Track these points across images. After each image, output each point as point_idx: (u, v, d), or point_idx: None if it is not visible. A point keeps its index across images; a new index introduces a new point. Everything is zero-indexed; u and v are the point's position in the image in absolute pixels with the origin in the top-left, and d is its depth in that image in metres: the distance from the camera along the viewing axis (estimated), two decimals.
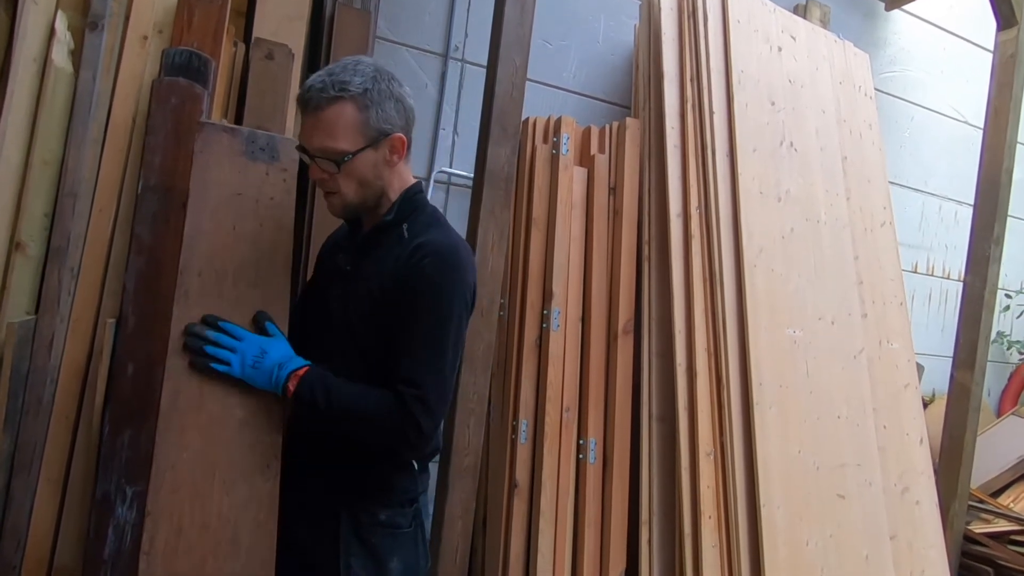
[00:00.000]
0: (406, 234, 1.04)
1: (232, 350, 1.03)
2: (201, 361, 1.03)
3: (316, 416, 1.01)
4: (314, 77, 0.99)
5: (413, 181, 1.10)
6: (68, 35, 1.27)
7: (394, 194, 1.07)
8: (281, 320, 1.10)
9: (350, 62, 1.00)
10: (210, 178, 1.13)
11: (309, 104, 0.98)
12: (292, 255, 1.17)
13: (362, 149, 0.99)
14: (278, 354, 1.03)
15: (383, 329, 1.01)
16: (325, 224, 1.45)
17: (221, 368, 1.02)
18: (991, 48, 2.59)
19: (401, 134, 1.02)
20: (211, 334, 1.03)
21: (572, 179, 1.89)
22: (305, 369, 1.01)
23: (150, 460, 1.04)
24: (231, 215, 1.12)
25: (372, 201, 1.06)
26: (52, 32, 1.24)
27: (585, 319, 1.87)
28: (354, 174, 1.01)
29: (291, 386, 1.00)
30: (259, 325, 1.07)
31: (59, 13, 1.25)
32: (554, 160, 1.89)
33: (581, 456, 1.81)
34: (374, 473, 1.06)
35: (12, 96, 1.21)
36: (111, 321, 1.17)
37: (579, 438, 1.82)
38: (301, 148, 1.03)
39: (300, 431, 1.11)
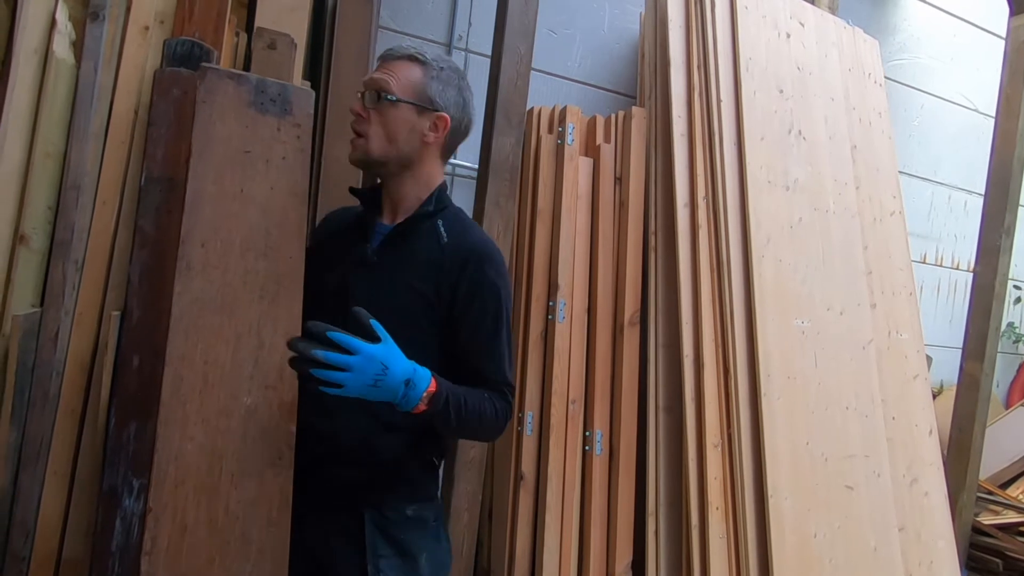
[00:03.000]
0: (443, 232, 1.03)
1: (347, 368, 0.84)
2: (312, 387, 0.85)
3: (437, 425, 0.96)
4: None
5: (442, 178, 1.10)
6: (69, 26, 1.26)
7: (424, 182, 1.06)
8: (295, 296, 1.02)
9: (439, 53, 1.08)
10: (214, 133, 1.00)
11: (389, 54, 1.04)
12: (306, 222, 1.08)
13: (408, 102, 1.01)
14: (400, 368, 0.88)
15: (433, 325, 1.01)
16: (332, 189, 1.39)
17: (334, 391, 0.85)
18: (1003, 35, 2.54)
19: (448, 118, 1.04)
20: (321, 354, 0.83)
21: (577, 169, 1.87)
22: (435, 386, 0.92)
23: None
24: (238, 176, 1.01)
25: (393, 164, 1.03)
26: (53, 23, 1.23)
27: (591, 311, 1.86)
28: (388, 122, 1.01)
29: (423, 406, 0.90)
30: (362, 323, 0.87)
31: (60, 4, 1.24)
32: (559, 150, 1.87)
33: (587, 448, 1.81)
34: (399, 471, 1.02)
35: (14, 89, 1.21)
36: (116, 314, 1.17)
37: (585, 430, 1.82)
38: (360, 94, 1.04)
39: (313, 426, 1.04)
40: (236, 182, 1.02)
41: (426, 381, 0.91)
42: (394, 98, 1.00)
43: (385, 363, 0.87)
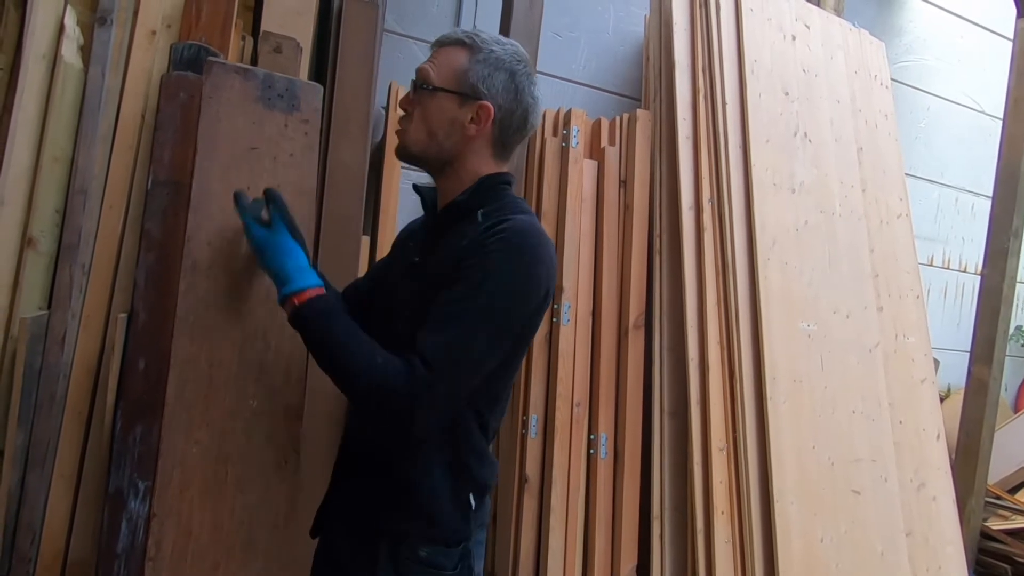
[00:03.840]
0: (480, 219, 0.90)
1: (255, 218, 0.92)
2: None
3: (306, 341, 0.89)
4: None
5: (499, 171, 0.96)
6: (77, 30, 1.27)
7: (468, 176, 0.94)
8: None
9: (489, 33, 0.96)
10: (220, 130, 0.98)
11: (440, 40, 0.95)
12: (314, 221, 1.03)
13: (446, 91, 0.90)
14: (296, 253, 0.90)
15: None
16: (338, 193, 1.35)
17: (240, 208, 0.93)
18: (1011, 36, 2.53)
19: (492, 107, 0.91)
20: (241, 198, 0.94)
21: (582, 172, 1.87)
22: (314, 294, 0.87)
23: None
24: (244, 174, 0.98)
25: (433, 161, 0.94)
26: (61, 28, 1.24)
27: (596, 313, 1.86)
28: (426, 114, 0.92)
29: (296, 300, 0.87)
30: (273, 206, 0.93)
31: (68, 8, 1.25)
32: (564, 153, 1.87)
33: (592, 451, 1.80)
34: (422, 495, 0.91)
35: (22, 93, 1.22)
36: (122, 316, 1.17)
37: (590, 433, 1.81)
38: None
39: (352, 437, 0.99)
40: (243, 179, 0.99)
41: (311, 280, 0.88)
42: (430, 87, 0.91)
43: (290, 238, 0.91)
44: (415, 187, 1.04)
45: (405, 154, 0.96)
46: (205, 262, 0.96)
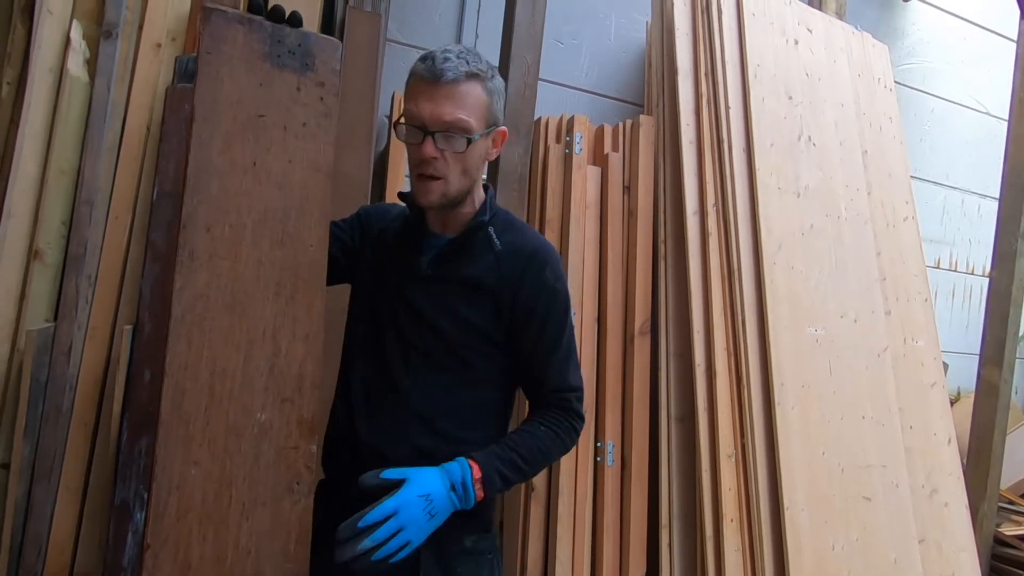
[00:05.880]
0: (495, 239, 0.98)
1: (400, 530, 0.84)
2: (387, 565, 0.84)
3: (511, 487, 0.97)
4: (440, 51, 0.91)
5: (482, 179, 1.04)
6: (83, 44, 1.28)
7: (477, 192, 1.01)
8: (317, 292, 0.88)
9: (466, 48, 0.94)
10: (222, 93, 0.84)
11: (444, 74, 0.88)
12: (330, 204, 0.91)
13: (483, 134, 0.94)
14: (437, 485, 0.87)
15: (493, 336, 0.97)
16: (339, 204, 1.29)
17: (408, 551, 0.85)
18: (1014, 37, 2.52)
19: (507, 129, 1.00)
20: (369, 541, 0.82)
21: (586, 178, 1.87)
22: (479, 470, 0.90)
23: None
24: (250, 146, 0.85)
25: (462, 196, 0.97)
26: (67, 42, 1.25)
27: (601, 320, 1.85)
28: (467, 160, 0.93)
29: (481, 493, 0.90)
30: (375, 485, 0.87)
31: (74, 22, 1.27)
32: (567, 160, 1.87)
33: (599, 459, 1.79)
34: None
35: (29, 106, 1.23)
36: (128, 328, 1.17)
37: (596, 440, 1.80)
38: (409, 123, 0.91)
39: (376, 448, 0.96)
40: (248, 154, 0.85)
41: (466, 470, 0.89)
42: (478, 137, 0.92)
43: (423, 494, 0.86)
44: (401, 195, 1.04)
45: (445, 202, 0.96)
46: (204, 252, 0.82)
